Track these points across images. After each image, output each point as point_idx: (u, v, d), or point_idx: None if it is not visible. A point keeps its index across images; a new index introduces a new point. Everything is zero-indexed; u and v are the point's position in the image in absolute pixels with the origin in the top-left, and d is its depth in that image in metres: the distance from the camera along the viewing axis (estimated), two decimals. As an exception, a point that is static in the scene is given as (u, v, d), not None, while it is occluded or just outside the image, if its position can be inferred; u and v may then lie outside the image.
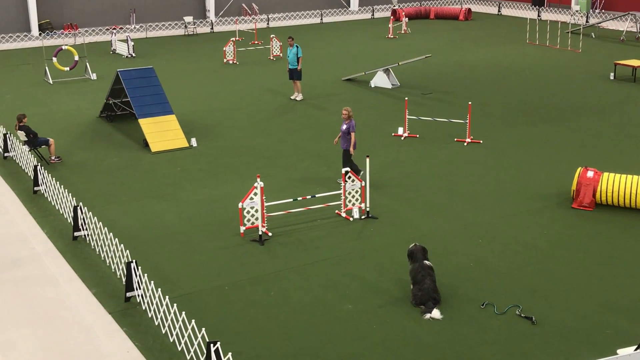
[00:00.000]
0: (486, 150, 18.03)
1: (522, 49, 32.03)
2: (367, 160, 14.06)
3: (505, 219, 13.89)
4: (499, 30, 37.71)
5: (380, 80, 24.99)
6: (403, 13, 39.21)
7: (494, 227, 13.49)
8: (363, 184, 14.01)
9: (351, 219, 13.90)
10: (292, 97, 23.39)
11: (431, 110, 21.64)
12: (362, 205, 14.10)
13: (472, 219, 13.88)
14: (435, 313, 10.39)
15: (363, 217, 13.98)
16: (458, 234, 13.21)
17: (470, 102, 19.26)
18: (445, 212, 14.23)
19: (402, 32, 37.30)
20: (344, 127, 14.97)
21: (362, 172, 15.18)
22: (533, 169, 16.63)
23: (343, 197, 14.00)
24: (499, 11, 44.07)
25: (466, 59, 29.92)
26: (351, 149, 14.95)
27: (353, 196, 14.10)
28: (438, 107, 22.26)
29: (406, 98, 20.26)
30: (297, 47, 23.04)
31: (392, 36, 36.09)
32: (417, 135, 19.20)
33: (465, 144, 18.52)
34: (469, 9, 41.98)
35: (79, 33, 36.79)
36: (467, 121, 18.73)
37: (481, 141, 18.66)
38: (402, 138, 19.12)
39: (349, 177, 13.92)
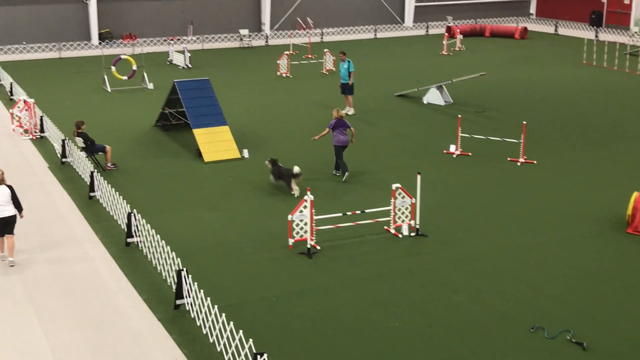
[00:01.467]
0: (540, 171, 17.76)
1: (578, 69, 31.53)
2: (419, 177, 13.98)
3: (557, 241, 13.63)
4: (556, 49, 37.19)
5: (433, 96, 24.87)
6: (458, 30, 39.01)
7: (546, 250, 13.25)
8: (413, 201, 13.93)
9: (400, 235, 13.82)
10: (344, 112, 23.38)
11: (484, 129, 21.43)
12: (412, 222, 14.01)
13: (524, 241, 13.66)
14: (296, 169, 15.79)
15: (412, 234, 13.89)
16: (509, 255, 13.01)
17: (524, 122, 19.02)
18: (497, 233, 14.04)
19: (457, 49, 37.09)
20: (333, 123, 17.16)
21: (347, 174, 16.99)
22: (587, 192, 16.31)
23: (393, 214, 13.94)
24: (555, 30, 43.50)
25: (521, 77, 29.57)
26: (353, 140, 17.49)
27: (403, 213, 14.02)
28: (491, 125, 22.03)
29: (459, 115, 20.12)
30: (349, 61, 23.08)
31: (446, 53, 35.90)
32: (470, 154, 19.02)
33: (519, 164, 18.27)
34: (525, 28, 41.52)
35: (138, 43, 37.57)
36: (521, 141, 18.48)
37: (535, 161, 18.39)
38: (454, 156, 18.97)
39: (399, 194, 13.86)
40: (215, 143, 18.88)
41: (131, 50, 35.53)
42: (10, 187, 12.71)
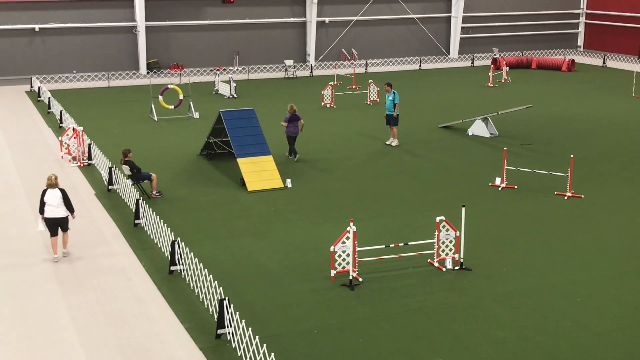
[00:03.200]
0: (587, 205, 17.45)
1: (627, 102, 31.04)
2: (463, 210, 13.85)
3: (606, 278, 13.33)
4: (604, 82, 36.72)
5: (479, 128, 24.71)
6: (504, 62, 38.83)
7: (594, 286, 12.96)
8: (457, 234, 13.79)
9: (444, 269, 13.68)
10: (388, 143, 23.42)
11: (531, 162, 21.19)
12: (456, 255, 13.86)
13: (571, 276, 13.39)
14: None
15: (456, 267, 13.73)
16: (555, 291, 12.76)
17: (572, 155, 18.74)
18: (543, 267, 13.79)
19: (503, 80, 36.88)
20: (288, 117, 20.86)
21: (297, 156, 20.91)
22: (636, 227, 15.94)
23: (436, 246, 13.81)
24: (603, 63, 42.98)
25: (568, 110, 29.23)
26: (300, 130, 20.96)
27: (447, 246, 13.88)
28: (538, 158, 21.78)
29: (505, 148, 19.94)
30: (394, 93, 23.12)
31: (491, 85, 35.73)
32: (515, 187, 18.80)
33: (566, 197, 17.99)
34: (573, 60, 41.13)
35: (185, 73, 38.23)
36: (568, 174, 18.21)
37: (582, 196, 18.08)
38: (500, 189, 18.77)
39: (444, 226, 13.74)
40: (259, 172, 19.01)
41: (178, 80, 36.16)
42: (62, 190, 14.27)
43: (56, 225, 14.22)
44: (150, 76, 36.94)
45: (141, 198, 16.32)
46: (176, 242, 13.42)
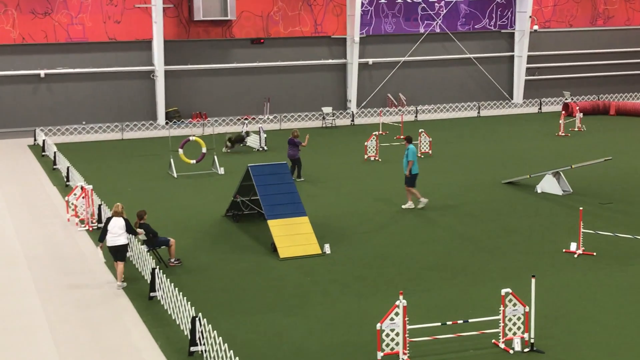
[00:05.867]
0: (681, 276, 17.08)
1: None
2: (533, 281, 13.65)
3: None
4: (696, 129, 36.32)
5: (549, 185, 24.53)
6: (577, 107, 38.73)
7: (693, 373, 12.59)
8: (527, 310, 13.57)
9: (512, 351, 13.42)
10: (404, 206, 22.85)
11: (611, 224, 20.89)
12: (525, 335, 13.61)
13: (665, 361, 13.03)
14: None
15: (526, 349, 13.47)
16: (646, 379, 12.42)
17: (661, 216, 18.47)
18: (630, 349, 13.44)
19: (576, 129, 36.72)
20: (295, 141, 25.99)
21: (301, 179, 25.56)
22: None
23: (502, 324, 13.59)
24: (695, 107, 42.58)
25: (655, 163, 28.91)
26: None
27: (514, 323, 13.65)
28: (620, 219, 21.46)
29: (580, 208, 19.73)
30: (408, 148, 22.61)
31: (563, 134, 35.57)
32: (594, 253, 18.51)
33: (655, 266, 17.67)
34: (658, 104, 40.86)
35: (208, 123, 38.83)
36: (657, 239, 17.91)
37: (675, 264, 17.75)
38: (576, 255, 18.50)
39: (510, 300, 13.53)
40: (293, 236, 19.02)
41: (201, 131, 36.69)
42: (126, 219, 16.98)
43: (116, 253, 16.87)
44: (170, 127, 37.58)
45: (158, 267, 16.41)
46: (197, 319, 13.40)
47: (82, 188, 21.98)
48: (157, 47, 38.73)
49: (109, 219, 17.07)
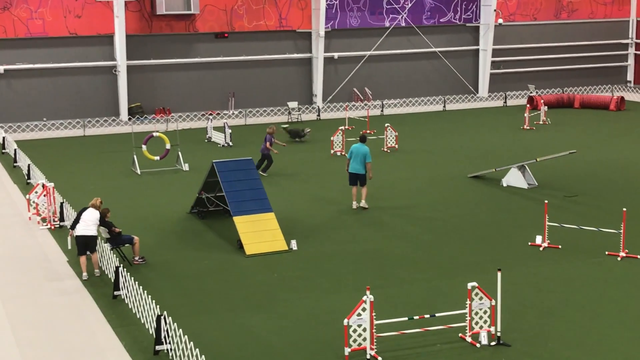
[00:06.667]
0: (645, 267, 17.38)
1: (688, 145, 31.12)
2: (499, 274, 13.80)
3: (671, 353, 13.19)
4: (659, 122, 36.88)
5: (514, 178, 24.75)
6: (542, 101, 39.10)
7: (657, 364, 12.82)
8: (493, 303, 13.71)
9: (478, 345, 13.56)
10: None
11: (576, 217, 21.15)
12: (492, 328, 13.75)
13: (628, 353, 13.24)
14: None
15: (492, 343, 13.61)
16: (611, 370, 12.62)
17: (625, 209, 18.72)
18: (595, 342, 13.65)
19: (541, 122, 37.07)
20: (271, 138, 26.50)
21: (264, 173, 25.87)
22: None
23: (469, 318, 13.72)
24: (658, 100, 43.23)
25: (619, 156, 29.29)
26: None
27: (481, 317, 13.78)
28: (585, 213, 21.74)
29: (546, 201, 19.95)
30: (363, 147, 22.14)
31: (528, 127, 35.91)
32: (560, 246, 18.74)
33: (619, 258, 17.91)
34: (622, 98, 41.38)
35: (172, 119, 38.61)
36: (622, 231, 18.16)
37: (639, 256, 17.99)
38: (541, 249, 18.71)
39: (476, 294, 13.66)
40: (259, 233, 19.02)
41: (164, 127, 36.49)
42: (102, 214, 17.29)
43: (85, 245, 16.98)
44: (133, 123, 37.28)
45: (121, 265, 16.32)
46: (162, 317, 13.36)
47: (43, 186, 21.77)
48: (119, 42, 38.37)
49: (84, 209, 17.32)
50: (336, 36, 43.06)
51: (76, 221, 17.27)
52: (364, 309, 13.04)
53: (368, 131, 34.47)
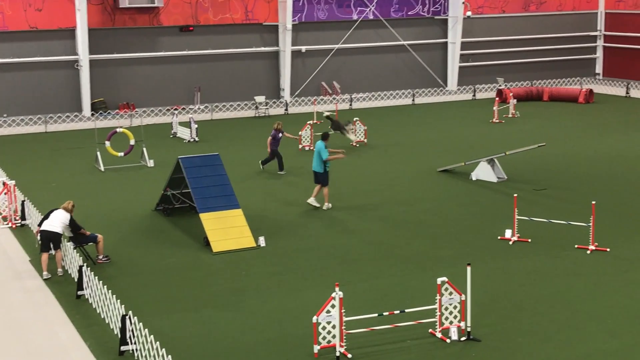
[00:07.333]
0: (614, 260, 17.54)
1: (656, 137, 31.52)
2: (469, 269, 13.88)
3: (638, 346, 13.33)
4: (628, 115, 37.30)
5: (484, 172, 24.91)
6: (511, 94, 39.38)
7: (626, 356, 12.95)
8: (463, 298, 13.78)
9: (448, 340, 13.63)
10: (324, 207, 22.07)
11: (546, 210, 21.33)
12: (462, 323, 13.83)
13: (599, 345, 13.39)
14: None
15: (463, 338, 13.69)
16: (581, 364, 12.76)
17: (593, 201, 18.92)
18: (565, 336, 13.78)
19: (510, 115, 37.34)
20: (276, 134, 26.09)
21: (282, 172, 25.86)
22: (674, 285, 16.06)
23: (439, 314, 13.78)
24: (627, 93, 43.72)
25: (588, 149, 29.59)
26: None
27: (451, 312, 13.85)
28: (554, 206, 21.93)
29: (515, 194, 20.09)
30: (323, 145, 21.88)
31: (497, 120, 36.15)
32: (529, 240, 18.89)
33: (589, 251, 18.09)
34: (591, 90, 41.80)
35: (136, 114, 38.35)
36: (591, 224, 18.35)
37: (608, 249, 18.19)
38: (511, 242, 18.84)
39: (446, 289, 13.73)
40: (226, 230, 18.97)
41: (128, 122, 36.24)
42: (72, 219, 17.32)
43: (48, 241, 17.07)
44: (96, 118, 37.01)
45: (85, 264, 16.19)
46: (127, 317, 13.28)
47: (4, 184, 21.53)
48: (81, 36, 38.01)
49: (54, 210, 17.54)
50: (303, 29, 43.03)
51: (44, 218, 17.41)
52: (333, 306, 13.04)
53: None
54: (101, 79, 39.37)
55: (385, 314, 13.99)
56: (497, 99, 38.74)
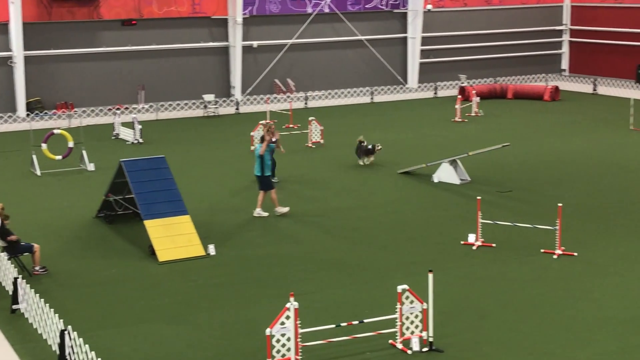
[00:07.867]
0: (581, 265, 17.79)
1: (625, 136, 32.04)
2: (430, 276, 13.97)
3: (610, 354, 13.55)
4: (595, 113, 37.86)
5: (446, 174, 25.09)
6: (473, 92, 39.76)
7: (595, 366, 13.16)
8: (425, 307, 13.87)
9: (410, 351, 13.70)
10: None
11: (511, 213, 21.56)
12: (424, 333, 13.91)
13: (566, 354, 13.56)
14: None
15: (425, 349, 13.77)
16: (548, 374, 12.91)
17: (560, 204, 19.17)
18: (531, 344, 13.94)
19: (473, 114, 37.68)
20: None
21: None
22: (644, 290, 16.34)
23: (399, 324, 13.85)
24: (594, 89, 44.39)
25: (554, 148, 29.98)
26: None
27: (412, 322, 13.93)
28: (519, 209, 22.17)
29: (479, 197, 20.28)
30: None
31: (459, 119, 36.45)
32: (494, 245, 19.07)
33: (555, 256, 18.32)
34: (557, 87, 42.36)
35: (75, 114, 37.97)
36: (557, 227, 18.58)
37: (576, 253, 18.44)
38: (474, 247, 19.00)
39: (407, 297, 13.81)
40: (173, 237, 18.88)
41: (67, 123, 35.87)
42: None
43: None
44: (31, 119, 36.58)
45: (20, 276, 15.99)
46: (66, 332, 13.14)
47: None
48: (15, 30, 37.53)
49: None
50: (255, 23, 42.98)
51: None
52: (287, 317, 13.04)
53: (291, 125, 34.51)
54: (37, 77, 38.92)
55: (343, 324, 14.03)
56: (459, 96, 39.10)
